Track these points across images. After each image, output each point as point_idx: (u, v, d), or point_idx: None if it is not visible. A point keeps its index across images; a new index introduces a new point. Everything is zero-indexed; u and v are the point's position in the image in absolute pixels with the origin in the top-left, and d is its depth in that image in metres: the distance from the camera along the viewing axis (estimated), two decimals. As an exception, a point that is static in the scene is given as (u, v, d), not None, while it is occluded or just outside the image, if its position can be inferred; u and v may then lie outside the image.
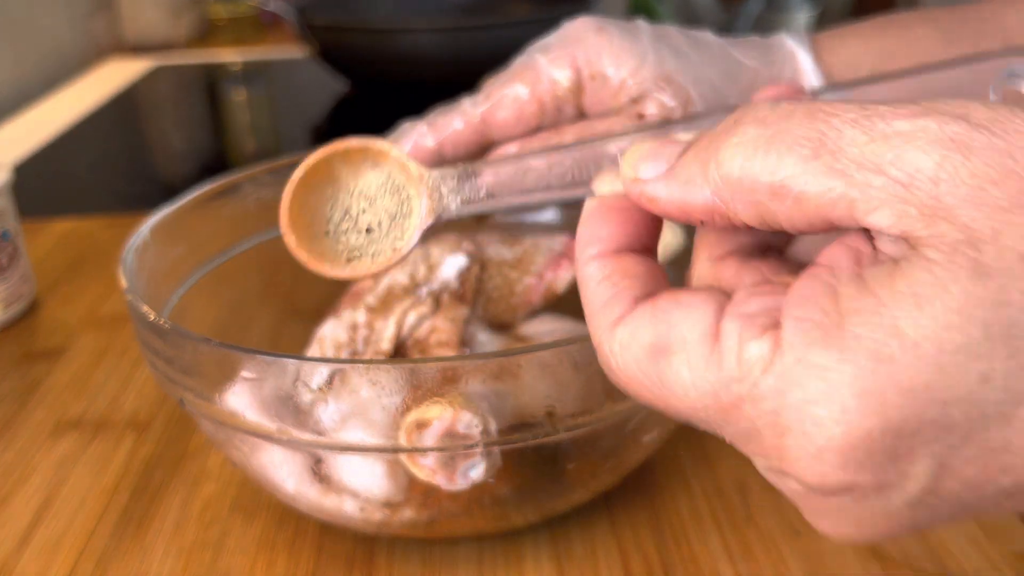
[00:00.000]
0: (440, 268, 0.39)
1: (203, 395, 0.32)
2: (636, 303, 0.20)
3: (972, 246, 0.15)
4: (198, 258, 0.42)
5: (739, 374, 0.17)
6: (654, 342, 0.19)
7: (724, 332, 0.18)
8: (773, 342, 0.17)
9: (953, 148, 0.16)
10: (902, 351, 0.15)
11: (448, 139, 0.37)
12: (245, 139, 1.00)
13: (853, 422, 0.16)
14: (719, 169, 0.18)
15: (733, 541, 0.36)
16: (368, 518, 0.33)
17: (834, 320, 0.16)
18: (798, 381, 0.16)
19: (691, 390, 0.18)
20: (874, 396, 0.16)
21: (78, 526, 0.38)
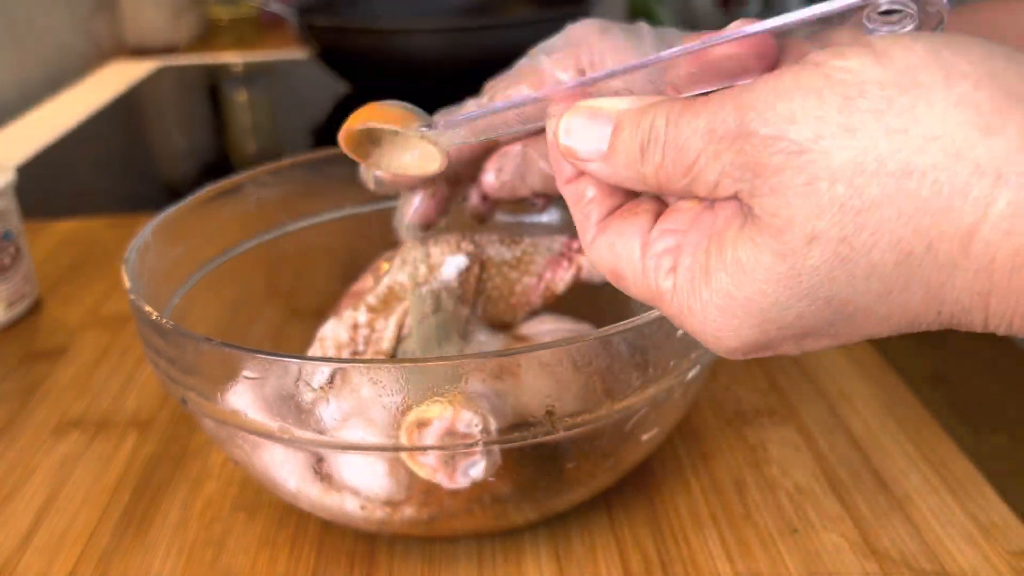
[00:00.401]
0: (440, 268, 0.39)
1: (205, 394, 0.32)
2: (598, 227, 0.26)
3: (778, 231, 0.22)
4: (200, 258, 0.42)
5: (658, 296, 0.25)
6: (612, 269, 0.26)
7: (647, 268, 0.25)
8: (672, 283, 0.24)
9: None
10: (744, 301, 0.23)
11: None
12: (246, 140, 1.00)
13: (723, 342, 0.24)
14: (645, 167, 0.24)
15: (731, 539, 0.36)
16: (369, 516, 0.34)
17: (703, 272, 0.23)
18: (687, 312, 0.24)
19: (641, 294, 0.25)
20: (733, 328, 0.23)
21: (80, 525, 0.38)
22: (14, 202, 0.55)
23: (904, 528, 0.36)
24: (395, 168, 0.33)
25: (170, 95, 1.16)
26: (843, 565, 0.35)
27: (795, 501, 0.38)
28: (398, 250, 0.41)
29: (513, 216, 0.49)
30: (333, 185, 0.48)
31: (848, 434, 0.42)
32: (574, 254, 0.39)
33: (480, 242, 0.40)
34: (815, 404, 0.44)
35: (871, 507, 0.38)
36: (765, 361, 0.48)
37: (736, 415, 0.44)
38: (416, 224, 0.41)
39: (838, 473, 0.40)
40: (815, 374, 0.47)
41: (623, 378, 0.32)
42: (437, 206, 0.41)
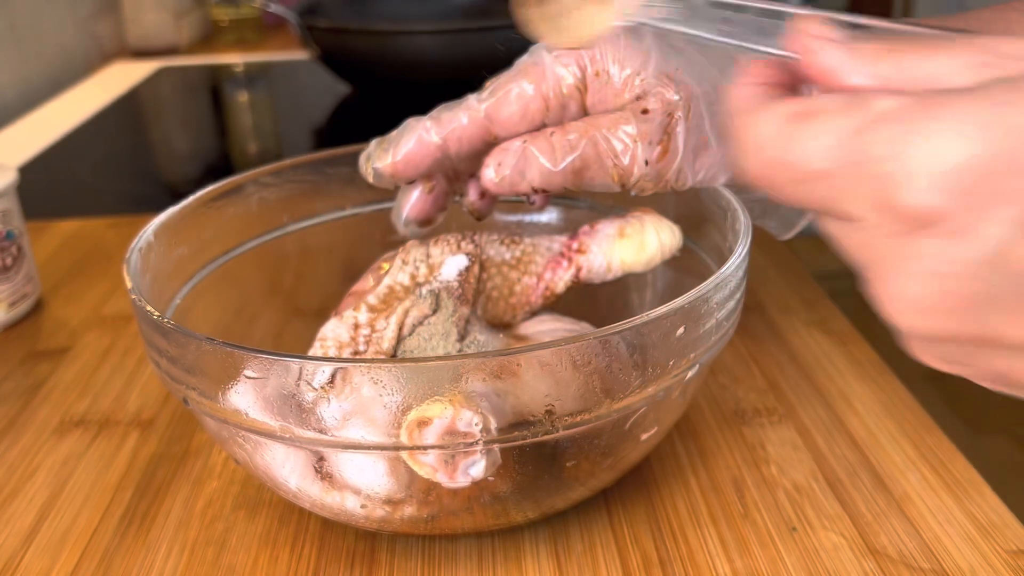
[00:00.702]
0: (440, 268, 0.39)
1: (206, 394, 0.32)
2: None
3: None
4: (202, 258, 0.42)
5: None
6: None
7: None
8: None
9: None
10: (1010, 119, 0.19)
11: (452, 134, 0.37)
12: (247, 141, 1.00)
13: (962, 148, 0.20)
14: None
15: (730, 537, 0.36)
16: (370, 515, 0.34)
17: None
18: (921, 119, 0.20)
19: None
20: (982, 131, 0.19)
21: (82, 523, 0.39)
22: (16, 202, 0.55)
23: (902, 527, 0.37)
24: (560, 29, 0.33)
25: (172, 96, 1.17)
26: (841, 564, 0.35)
27: (794, 500, 0.38)
28: (399, 250, 0.41)
29: (512, 215, 0.49)
30: (334, 185, 0.48)
31: (846, 434, 0.42)
32: (574, 254, 0.39)
33: (480, 242, 0.40)
34: (814, 404, 0.45)
35: (869, 506, 0.38)
36: (764, 360, 0.48)
37: (735, 414, 0.44)
38: (413, 220, 0.41)
39: (837, 472, 0.40)
40: (814, 374, 0.47)
41: (622, 377, 0.32)
42: (435, 201, 0.41)
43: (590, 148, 0.36)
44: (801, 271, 0.58)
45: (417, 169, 0.38)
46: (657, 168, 0.37)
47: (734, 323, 0.35)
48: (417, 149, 0.38)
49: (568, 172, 0.36)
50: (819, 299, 0.55)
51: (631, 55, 0.37)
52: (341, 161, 0.48)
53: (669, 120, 0.36)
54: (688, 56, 0.38)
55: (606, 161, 0.36)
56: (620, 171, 0.36)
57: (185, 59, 1.31)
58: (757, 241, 0.37)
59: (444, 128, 0.37)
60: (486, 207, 0.42)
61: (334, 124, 1.00)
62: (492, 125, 0.37)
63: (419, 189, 0.40)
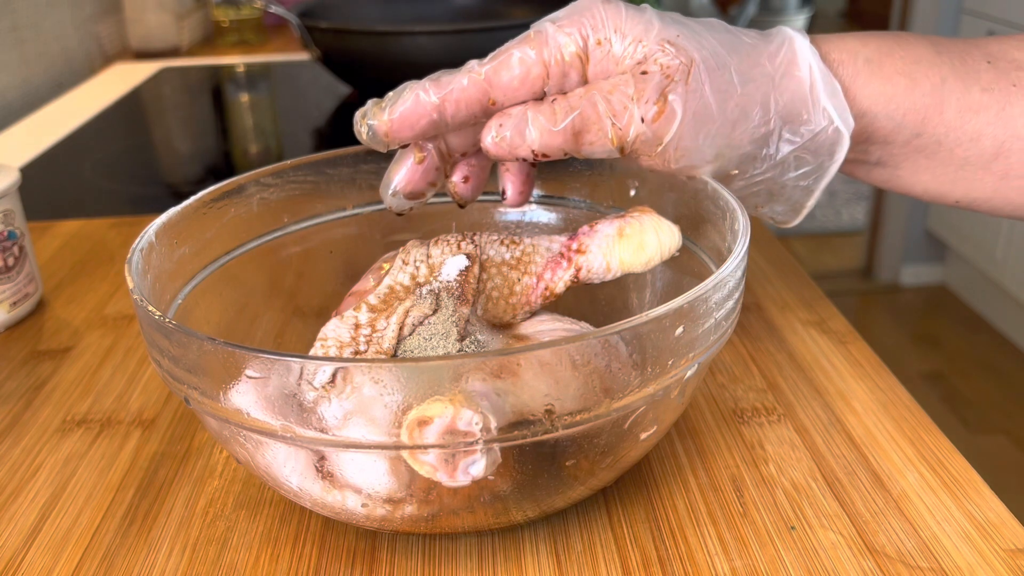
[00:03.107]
0: (440, 268, 0.39)
1: (208, 393, 0.32)
2: None
3: None
4: (203, 258, 0.42)
5: None
6: None
7: None
8: None
9: None
10: None
11: (450, 95, 0.37)
12: (248, 141, 1.00)
13: None
14: None
15: (729, 537, 0.36)
16: (370, 514, 0.34)
17: None
18: None
19: None
20: None
21: (84, 522, 0.39)
22: (18, 203, 0.56)
23: (901, 526, 0.37)
24: None
25: (173, 97, 1.17)
26: (840, 563, 0.35)
27: (792, 499, 0.38)
28: (399, 251, 0.41)
29: (512, 215, 0.49)
30: (335, 186, 0.48)
31: (845, 433, 0.42)
32: (573, 254, 0.39)
33: (480, 242, 0.40)
34: (812, 403, 0.45)
35: (868, 505, 0.38)
36: (763, 360, 0.49)
37: (734, 414, 0.44)
38: (401, 191, 0.40)
39: (835, 471, 0.40)
40: (812, 373, 0.47)
41: (622, 377, 0.32)
42: (424, 174, 0.40)
43: (589, 108, 0.37)
44: (799, 271, 0.58)
45: (412, 129, 0.38)
46: (654, 129, 0.37)
47: (733, 323, 0.36)
48: (414, 108, 0.37)
49: (568, 133, 0.37)
50: (818, 299, 0.55)
51: (633, 24, 0.37)
52: (342, 162, 0.48)
53: (667, 82, 0.37)
54: (689, 26, 0.38)
55: (605, 122, 0.37)
56: (619, 132, 0.37)
57: (186, 60, 1.31)
58: (756, 241, 0.38)
59: (442, 89, 0.37)
60: (469, 191, 0.42)
61: (335, 125, 1.00)
62: (492, 89, 0.37)
63: (410, 159, 0.40)
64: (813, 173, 0.41)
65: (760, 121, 0.39)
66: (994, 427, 1.75)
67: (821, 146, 0.40)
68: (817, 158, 0.41)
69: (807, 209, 0.43)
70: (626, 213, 0.40)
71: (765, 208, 0.44)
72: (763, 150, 0.39)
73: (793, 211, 0.44)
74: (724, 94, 0.38)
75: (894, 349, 2.05)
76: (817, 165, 0.41)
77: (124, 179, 0.85)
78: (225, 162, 0.92)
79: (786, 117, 0.39)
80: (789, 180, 0.41)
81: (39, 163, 0.87)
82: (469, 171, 0.42)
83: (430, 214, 0.49)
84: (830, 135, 0.40)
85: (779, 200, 0.43)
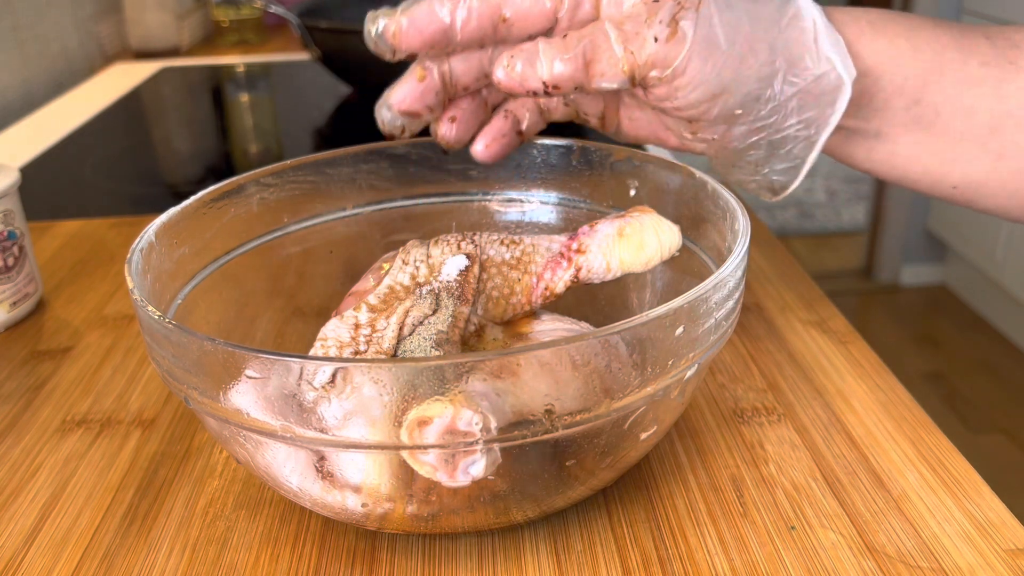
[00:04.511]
0: (440, 268, 0.39)
1: (208, 393, 0.32)
2: None
3: None
4: (203, 258, 0.42)
5: None
6: None
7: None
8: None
9: None
10: None
11: (463, 3, 0.37)
12: (248, 141, 1.00)
13: None
14: None
15: (729, 536, 0.36)
16: (370, 514, 0.34)
17: None
18: None
19: None
20: None
21: (84, 522, 0.39)
22: (18, 203, 0.56)
23: (901, 526, 0.37)
24: None
25: (173, 97, 1.17)
26: (840, 562, 0.35)
27: (792, 499, 0.38)
28: (399, 250, 0.41)
29: (512, 215, 0.49)
30: (335, 186, 0.48)
31: (845, 433, 0.42)
32: (573, 254, 0.39)
33: (480, 242, 0.40)
34: (812, 403, 0.45)
35: (868, 505, 0.38)
36: (763, 360, 0.49)
37: (734, 414, 0.44)
38: (395, 104, 0.40)
39: (835, 471, 0.40)
40: (812, 373, 0.47)
41: (622, 377, 0.32)
42: (423, 95, 0.40)
43: (600, 36, 0.37)
44: (799, 271, 0.58)
45: (420, 37, 0.38)
46: (666, 51, 0.37)
47: (733, 323, 0.36)
48: (425, 16, 0.38)
49: (579, 61, 0.37)
50: (818, 299, 0.55)
51: None
52: (342, 162, 0.48)
53: (679, 8, 0.37)
54: None
55: (616, 48, 0.37)
56: (630, 58, 0.37)
57: (186, 60, 1.31)
58: (756, 241, 0.38)
59: (456, 2, 0.38)
60: (453, 134, 0.42)
61: (335, 125, 1.00)
62: (504, 5, 0.38)
63: (411, 76, 0.40)
64: (815, 122, 0.41)
65: (766, 60, 0.39)
66: (994, 427, 1.75)
67: (823, 92, 0.40)
68: (819, 105, 0.40)
69: (806, 167, 0.43)
70: (626, 213, 0.40)
71: (765, 168, 0.43)
72: (767, 90, 0.39)
73: (793, 170, 0.43)
74: (733, 28, 0.38)
75: (894, 349, 2.05)
76: (819, 113, 0.40)
77: (124, 179, 0.85)
78: (225, 162, 0.92)
79: (790, 60, 0.39)
80: (791, 128, 0.41)
81: (39, 163, 0.87)
82: (458, 113, 0.42)
83: (430, 214, 0.49)
84: (832, 80, 0.40)
85: (780, 156, 0.42)
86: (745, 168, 0.43)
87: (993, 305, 2.16)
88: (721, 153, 0.43)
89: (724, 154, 0.43)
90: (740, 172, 0.44)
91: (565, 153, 0.48)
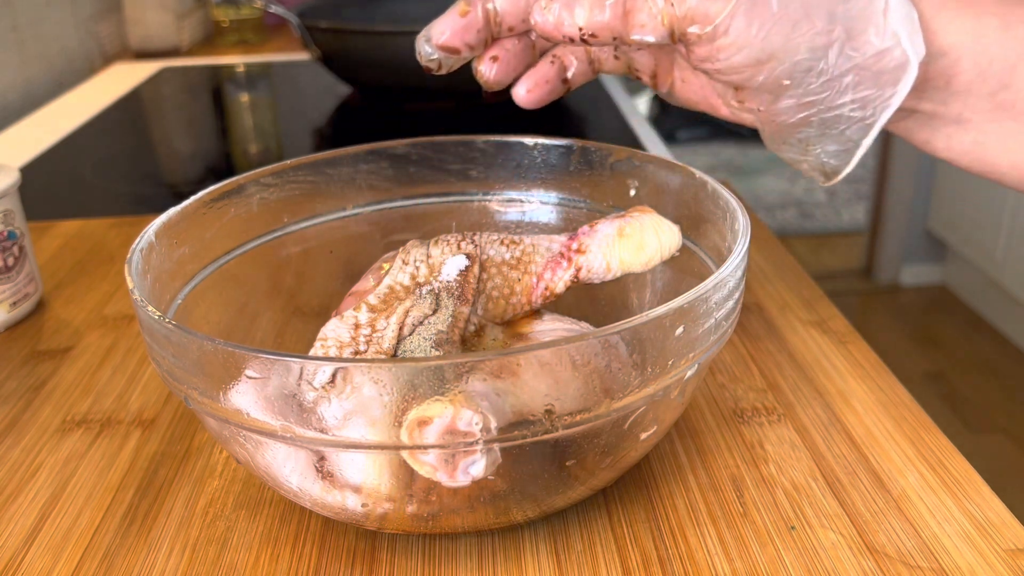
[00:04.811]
0: (440, 268, 0.39)
1: (208, 393, 0.32)
2: None
3: None
4: (203, 258, 0.42)
5: None
6: None
7: None
8: None
9: None
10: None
11: None
12: (248, 141, 1.00)
13: None
14: None
15: (729, 536, 0.36)
16: (370, 514, 0.34)
17: None
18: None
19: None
20: None
21: (84, 522, 0.39)
22: (18, 203, 0.56)
23: (901, 526, 0.37)
24: None
25: (173, 97, 1.17)
26: (840, 562, 0.35)
27: (792, 499, 0.38)
28: (399, 250, 0.41)
29: (512, 215, 0.49)
30: (334, 186, 0.48)
31: (845, 433, 0.42)
32: (573, 254, 0.39)
33: (480, 242, 0.40)
34: (812, 403, 0.45)
35: (868, 505, 0.38)
36: (763, 360, 0.49)
37: (734, 414, 0.44)
38: (435, 37, 0.39)
39: (835, 471, 0.40)
40: (812, 373, 0.47)
41: (622, 377, 0.32)
42: (464, 30, 0.39)
43: None
44: (799, 271, 0.58)
45: None
46: (707, 5, 0.35)
47: (733, 323, 0.36)
48: None
49: (618, 10, 0.35)
50: (818, 298, 0.55)
51: None
52: (342, 162, 0.48)
53: None
54: None
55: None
56: (670, 10, 0.35)
57: (186, 60, 1.31)
58: (756, 241, 0.38)
59: None
60: (493, 73, 0.40)
61: (335, 125, 1.00)
62: None
63: (455, 12, 0.39)
64: (872, 102, 0.37)
65: (822, 28, 0.35)
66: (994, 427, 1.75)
67: (884, 70, 0.36)
68: (878, 84, 0.36)
69: (861, 151, 0.39)
70: (626, 213, 0.40)
71: (816, 148, 0.40)
72: (820, 62, 0.36)
73: (846, 153, 0.39)
74: None
75: (894, 349, 2.05)
76: (877, 93, 0.37)
77: (124, 179, 0.85)
78: (225, 162, 0.92)
79: (851, 31, 0.35)
80: (845, 107, 0.37)
81: (39, 163, 0.87)
82: (501, 53, 0.40)
83: (430, 214, 0.49)
84: (896, 58, 0.36)
85: (832, 136, 0.39)
86: (795, 146, 0.40)
87: (993, 305, 2.16)
88: (769, 127, 0.40)
89: (773, 128, 0.40)
90: (790, 150, 0.41)
91: (565, 153, 0.48)
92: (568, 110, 0.99)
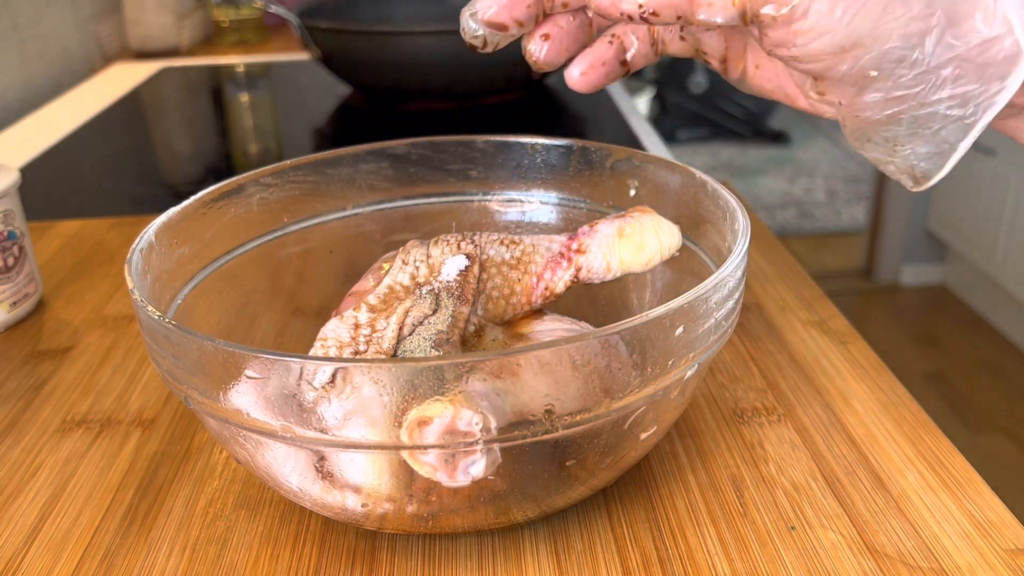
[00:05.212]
0: (440, 268, 0.39)
1: (208, 393, 0.32)
2: None
3: None
4: (203, 259, 0.42)
5: None
6: None
7: None
8: None
9: None
10: None
11: None
12: (248, 141, 1.00)
13: None
14: None
15: (729, 536, 0.36)
16: (370, 514, 0.34)
17: None
18: None
19: None
20: None
21: (84, 522, 0.39)
22: (18, 203, 0.56)
23: (901, 526, 0.37)
24: None
25: (173, 97, 1.17)
26: (840, 562, 0.35)
27: (792, 499, 0.38)
28: (399, 250, 0.41)
29: (512, 215, 0.49)
30: (334, 186, 0.48)
31: (845, 433, 0.42)
32: (573, 254, 0.39)
33: (480, 242, 0.40)
34: (812, 403, 0.45)
35: (868, 505, 0.38)
36: (763, 360, 0.49)
37: (734, 414, 0.44)
38: (480, 10, 0.35)
39: (835, 471, 0.40)
40: (812, 373, 0.47)
41: (622, 377, 0.32)
42: (512, 6, 0.35)
43: None
44: (799, 271, 0.58)
45: None
46: None
47: (733, 323, 0.36)
48: None
49: None
50: (818, 298, 0.55)
51: None
52: (342, 162, 0.48)
53: None
54: None
55: None
56: None
57: (186, 60, 1.31)
58: (756, 241, 0.38)
59: None
60: (543, 52, 0.37)
61: (335, 125, 1.00)
62: None
63: None
64: (974, 99, 0.32)
65: (919, 12, 0.31)
66: (994, 427, 1.75)
67: (990, 62, 0.31)
68: (982, 79, 0.32)
69: (958, 154, 0.34)
70: (626, 213, 0.40)
71: (906, 148, 0.35)
72: (914, 52, 0.31)
73: (939, 156, 0.34)
74: None
75: (894, 349, 2.05)
76: (981, 89, 0.32)
77: (124, 179, 0.85)
78: (225, 162, 0.92)
79: (953, 17, 0.31)
80: (941, 103, 0.33)
81: (39, 163, 0.87)
82: (554, 31, 0.36)
83: (430, 214, 0.49)
84: (1006, 49, 0.31)
85: (924, 137, 0.34)
86: (881, 145, 0.36)
87: (993, 305, 2.16)
88: (852, 123, 0.35)
89: (856, 124, 0.35)
90: (875, 149, 0.36)
91: (565, 153, 0.48)
92: (568, 110, 0.99)
